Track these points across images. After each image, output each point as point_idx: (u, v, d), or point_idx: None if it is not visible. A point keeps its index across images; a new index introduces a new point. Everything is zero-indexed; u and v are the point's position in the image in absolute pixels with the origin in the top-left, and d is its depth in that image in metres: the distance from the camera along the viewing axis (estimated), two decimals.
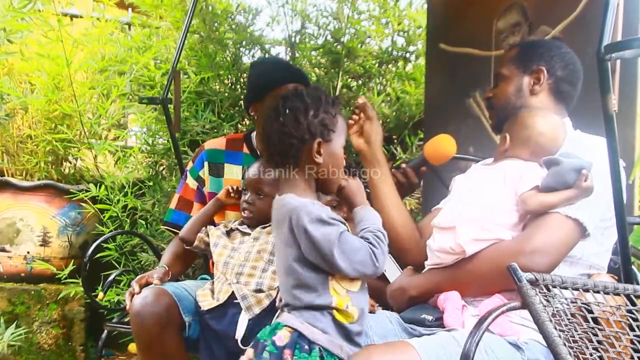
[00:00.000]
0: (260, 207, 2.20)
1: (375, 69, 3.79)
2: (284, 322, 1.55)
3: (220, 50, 3.72)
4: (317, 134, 1.61)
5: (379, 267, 1.55)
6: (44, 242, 3.50)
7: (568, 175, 1.68)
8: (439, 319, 1.72)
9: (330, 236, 1.52)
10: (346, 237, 1.54)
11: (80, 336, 3.53)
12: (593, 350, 1.30)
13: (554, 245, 1.69)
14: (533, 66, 1.96)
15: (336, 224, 1.55)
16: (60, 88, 3.54)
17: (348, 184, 1.69)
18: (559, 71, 1.95)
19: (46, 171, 3.63)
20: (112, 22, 3.96)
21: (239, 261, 2.14)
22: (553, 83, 1.95)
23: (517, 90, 1.97)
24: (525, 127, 1.84)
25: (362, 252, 1.53)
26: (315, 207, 1.57)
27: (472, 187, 1.86)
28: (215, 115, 3.57)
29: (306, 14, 3.82)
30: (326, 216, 1.55)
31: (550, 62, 1.95)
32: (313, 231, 1.52)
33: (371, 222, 1.62)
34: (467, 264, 1.75)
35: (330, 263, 1.52)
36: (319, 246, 1.52)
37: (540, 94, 1.95)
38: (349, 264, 1.52)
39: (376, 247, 1.55)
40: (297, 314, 1.55)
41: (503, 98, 2.00)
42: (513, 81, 1.98)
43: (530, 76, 1.96)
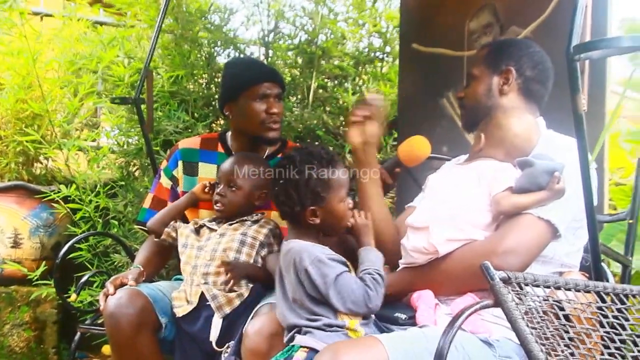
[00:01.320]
0: (232, 200, 2.20)
1: (351, 69, 3.80)
2: (300, 344, 1.65)
3: (194, 50, 3.69)
4: (307, 203, 1.76)
5: (371, 308, 1.68)
6: (15, 243, 3.45)
7: (541, 177, 1.70)
8: (412, 318, 1.73)
9: (327, 277, 1.66)
10: (343, 279, 1.67)
11: (52, 338, 3.49)
12: (564, 347, 1.31)
13: (526, 246, 1.71)
14: (502, 66, 1.97)
15: (335, 266, 1.69)
16: (30, 87, 3.49)
17: (356, 223, 1.83)
18: (527, 71, 1.96)
19: (17, 172, 3.58)
20: (83, 21, 3.92)
21: (205, 261, 2.14)
22: (522, 83, 1.97)
23: (487, 91, 1.98)
24: (499, 127, 1.85)
25: (357, 294, 1.66)
26: (316, 248, 1.72)
27: (446, 186, 1.87)
28: (189, 114, 3.55)
29: (281, 13, 3.82)
30: (326, 257, 1.69)
31: (519, 62, 1.97)
32: (312, 272, 1.67)
33: (372, 263, 1.75)
34: (441, 263, 1.77)
35: (327, 300, 1.66)
36: (317, 285, 1.66)
37: (510, 94, 1.97)
38: (343, 304, 1.66)
39: (371, 290, 1.67)
40: (312, 336, 1.65)
41: (473, 98, 2.02)
42: (483, 81, 2.00)
43: (499, 76, 1.97)
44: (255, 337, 1.81)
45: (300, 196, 1.76)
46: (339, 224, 1.82)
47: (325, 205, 1.78)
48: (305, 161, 1.79)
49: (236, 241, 2.15)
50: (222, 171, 2.26)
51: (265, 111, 2.33)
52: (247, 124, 2.37)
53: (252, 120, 2.34)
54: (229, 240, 2.16)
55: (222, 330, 2.05)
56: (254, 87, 2.34)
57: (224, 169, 2.25)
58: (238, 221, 2.21)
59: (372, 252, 1.80)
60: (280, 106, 2.37)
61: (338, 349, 1.49)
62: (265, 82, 2.35)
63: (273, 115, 2.34)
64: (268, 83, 2.36)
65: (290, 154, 1.85)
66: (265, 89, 2.34)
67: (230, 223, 2.21)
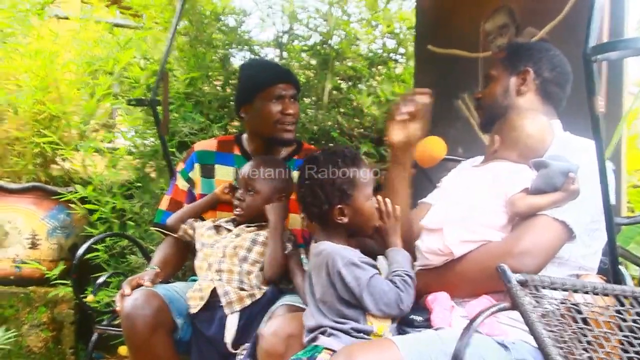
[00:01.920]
0: (250, 204, 2.21)
1: (365, 70, 3.80)
2: (324, 345, 1.65)
3: (209, 52, 3.71)
4: (335, 201, 1.77)
5: (403, 309, 1.70)
6: (33, 244, 3.48)
7: (556, 178, 1.69)
8: (428, 320, 1.73)
9: (361, 280, 1.67)
10: (376, 281, 1.69)
11: (69, 339, 3.51)
12: (582, 351, 1.30)
13: (541, 247, 1.70)
14: (520, 67, 1.97)
15: (367, 268, 1.70)
16: (47, 89, 3.52)
17: (384, 225, 1.84)
18: (546, 72, 1.96)
19: (34, 173, 3.61)
20: (100, 23, 3.95)
21: (217, 258, 2.15)
22: (540, 84, 1.97)
23: (504, 91, 1.98)
24: (514, 128, 1.85)
25: (389, 295, 1.68)
26: (348, 251, 1.73)
27: (461, 188, 1.87)
28: (204, 116, 3.57)
29: (295, 15, 3.82)
30: (358, 260, 1.71)
31: (538, 64, 1.97)
32: (346, 274, 1.68)
33: (401, 264, 1.77)
34: (456, 265, 1.77)
35: (360, 303, 1.67)
36: (351, 287, 1.67)
37: (527, 94, 1.97)
38: (375, 305, 1.67)
39: (402, 291, 1.70)
40: (337, 338, 1.65)
41: (491, 98, 2.02)
42: (501, 82, 2.00)
43: (517, 77, 1.98)
44: (271, 338, 1.81)
45: (327, 195, 1.77)
46: (366, 223, 1.83)
47: (352, 203, 1.79)
48: (329, 160, 1.80)
49: (248, 240, 2.16)
50: (241, 175, 2.26)
51: (280, 112, 2.34)
52: (262, 125, 2.38)
53: (268, 122, 2.35)
54: (242, 240, 2.17)
55: (237, 332, 2.06)
56: (269, 88, 2.35)
57: (243, 173, 2.26)
58: (257, 225, 2.22)
59: (400, 253, 1.81)
60: (295, 107, 2.38)
61: (352, 351, 1.49)
62: (280, 83, 2.36)
63: (288, 116, 2.34)
64: (283, 84, 2.36)
65: (314, 155, 1.86)
66: (280, 90, 2.35)
67: (248, 225, 2.22)
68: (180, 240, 2.35)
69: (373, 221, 1.84)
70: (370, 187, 1.82)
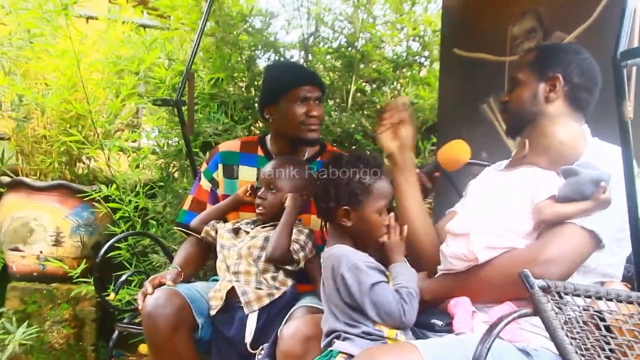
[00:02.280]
0: (272, 202, 2.22)
1: (390, 73, 3.79)
2: (339, 349, 1.64)
3: (235, 53, 3.73)
4: (342, 202, 1.77)
5: (405, 322, 1.67)
6: (57, 242, 3.52)
7: (586, 187, 1.66)
8: (449, 324, 1.72)
9: (363, 285, 1.66)
10: (380, 288, 1.67)
11: (91, 336, 3.55)
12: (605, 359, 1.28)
13: (568, 256, 1.67)
14: (549, 73, 1.92)
15: (371, 274, 1.68)
16: (74, 88, 3.56)
17: (389, 241, 1.82)
18: (575, 78, 1.91)
19: (60, 171, 3.65)
20: (127, 23, 3.99)
21: (234, 260, 2.16)
22: (569, 90, 1.92)
23: (533, 97, 1.94)
24: (545, 135, 1.81)
25: (392, 305, 1.66)
26: (355, 255, 1.72)
27: (487, 193, 1.85)
28: (228, 117, 3.58)
29: (321, 17, 3.83)
30: (364, 265, 1.69)
31: (567, 69, 1.92)
32: (349, 278, 1.67)
33: (406, 278, 1.74)
34: (480, 270, 1.74)
35: (361, 308, 1.66)
36: (352, 291, 1.66)
37: (556, 102, 1.92)
38: (377, 313, 1.66)
39: (407, 304, 1.68)
40: (351, 342, 1.64)
41: (518, 103, 1.97)
42: (529, 87, 1.95)
43: (545, 83, 1.92)
44: (290, 340, 1.81)
45: (337, 193, 1.78)
46: (371, 234, 1.82)
47: (360, 209, 1.79)
48: (351, 162, 1.82)
49: (260, 239, 2.17)
50: (262, 174, 2.28)
51: (305, 114, 2.34)
52: (287, 126, 2.38)
53: (292, 123, 2.35)
54: (256, 240, 2.18)
55: (256, 332, 2.06)
56: (294, 90, 2.35)
57: (265, 172, 2.27)
58: (272, 225, 2.22)
59: (405, 267, 1.80)
60: (320, 109, 2.38)
61: (373, 354, 1.48)
62: (306, 85, 2.36)
63: (313, 118, 2.35)
64: (308, 86, 2.37)
65: (340, 154, 1.88)
66: (305, 92, 2.35)
67: (264, 226, 2.22)
68: (201, 240, 2.36)
69: (378, 235, 1.82)
70: (384, 201, 1.82)
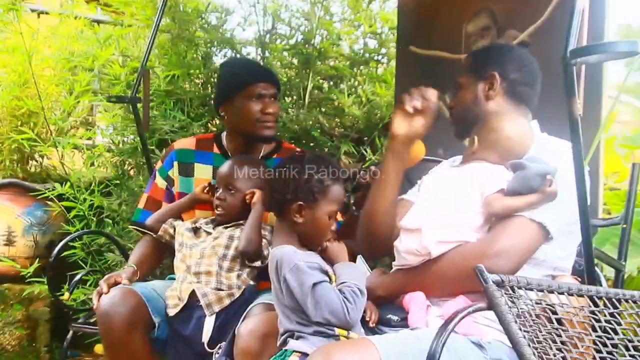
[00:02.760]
0: (232, 203, 2.21)
1: (347, 70, 3.80)
2: (293, 348, 1.63)
3: (190, 50, 3.69)
4: (299, 197, 1.76)
5: (349, 320, 1.64)
6: (9, 241, 3.44)
7: (533, 180, 1.70)
8: (404, 319, 1.74)
9: (304, 285, 1.65)
10: (322, 288, 1.65)
11: (45, 337, 3.48)
12: (557, 351, 1.31)
13: (517, 248, 1.71)
14: (486, 73, 1.97)
15: (313, 274, 1.66)
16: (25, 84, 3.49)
17: (331, 246, 1.82)
18: (512, 74, 1.96)
19: (11, 169, 3.57)
20: (80, 19, 3.92)
21: (196, 259, 2.14)
22: (508, 86, 1.96)
23: (474, 98, 1.98)
24: (493, 130, 1.86)
25: (334, 305, 1.63)
26: (295, 255, 1.70)
27: (440, 188, 1.87)
28: (185, 114, 3.55)
29: (278, 14, 3.81)
30: (305, 265, 1.67)
31: (503, 66, 1.96)
32: (290, 280, 1.66)
33: (350, 277, 1.72)
34: (433, 265, 1.77)
35: (304, 309, 1.64)
36: (295, 293, 1.66)
37: (497, 98, 1.96)
38: (319, 313, 1.63)
39: (350, 302, 1.65)
40: (305, 340, 1.63)
41: (461, 106, 2.02)
42: (469, 89, 1.99)
43: (484, 82, 1.97)
44: (248, 337, 1.80)
45: (295, 188, 1.78)
46: (318, 236, 1.81)
47: (314, 208, 1.79)
48: (313, 161, 1.82)
49: (224, 238, 2.16)
50: (219, 175, 2.26)
51: (260, 111, 2.33)
52: (242, 123, 2.37)
53: (248, 120, 2.34)
54: (220, 239, 2.17)
55: (214, 331, 2.05)
56: (249, 87, 2.34)
57: (222, 172, 2.25)
58: (234, 224, 2.21)
59: (351, 266, 1.79)
60: (275, 106, 2.37)
61: (330, 351, 1.49)
62: (261, 83, 2.35)
63: (268, 115, 2.34)
64: (264, 83, 2.36)
65: (302, 152, 1.90)
66: (260, 89, 2.34)
67: (226, 226, 2.21)
68: (157, 239, 2.34)
69: (324, 237, 1.82)
70: (336, 207, 1.82)
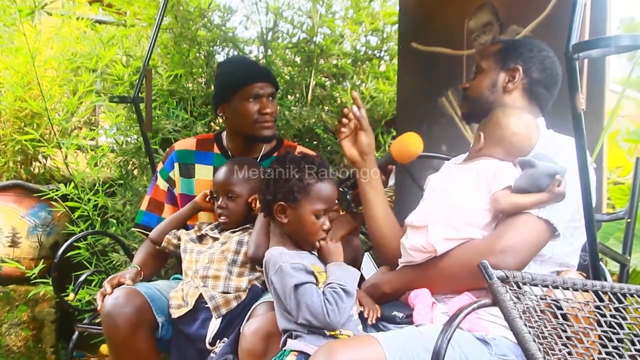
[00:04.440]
0: (234, 209, 2.20)
1: (349, 67, 3.79)
2: (291, 348, 1.64)
3: (193, 49, 3.69)
4: (279, 198, 1.79)
5: (329, 322, 1.63)
6: (13, 242, 3.44)
7: (541, 179, 1.69)
8: (409, 316, 1.74)
9: (287, 287, 1.66)
10: (304, 289, 1.65)
11: (50, 338, 3.49)
12: (562, 346, 1.31)
13: (524, 245, 1.70)
14: (510, 64, 1.96)
15: (295, 275, 1.67)
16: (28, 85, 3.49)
17: (326, 245, 1.81)
18: (535, 73, 1.95)
19: (15, 171, 3.57)
20: (82, 20, 3.92)
21: (204, 264, 2.13)
22: (528, 84, 1.95)
23: (492, 85, 1.97)
24: (499, 126, 1.85)
25: (315, 306, 1.63)
26: (282, 256, 1.72)
27: (446, 186, 1.87)
28: (188, 113, 3.55)
29: (280, 12, 3.81)
30: (289, 266, 1.68)
31: (528, 63, 1.95)
32: (275, 281, 1.69)
33: (337, 278, 1.70)
34: (438, 262, 1.77)
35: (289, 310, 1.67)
36: (279, 294, 1.68)
37: (514, 93, 1.95)
38: (300, 314, 1.64)
39: (330, 304, 1.64)
40: (302, 339, 1.64)
41: (477, 90, 2.00)
42: (489, 75, 1.98)
43: (506, 73, 1.96)
44: (251, 337, 1.80)
45: (276, 188, 1.79)
46: (306, 236, 1.80)
47: (296, 208, 1.78)
48: (294, 161, 1.82)
49: (233, 243, 2.15)
50: (217, 183, 2.24)
51: (258, 111, 2.33)
52: (241, 124, 2.37)
53: (246, 120, 2.34)
54: (228, 244, 2.16)
55: (218, 332, 2.05)
56: (246, 87, 2.33)
57: (219, 180, 2.24)
58: (241, 229, 2.20)
59: (341, 267, 1.76)
60: (273, 105, 2.37)
61: (333, 348, 1.48)
62: (258, 82, 2.34)
63: (266, 115, 2.33)
64: (260, 83, 2.35)
65: (284, 153, 1.87)
66: (257, 89, 2.34)
67: (233, 231, 2.21)
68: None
69: (313, 237, 1.81)
70: (322, 205, 1.80)
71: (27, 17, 3.43)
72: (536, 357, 1.22)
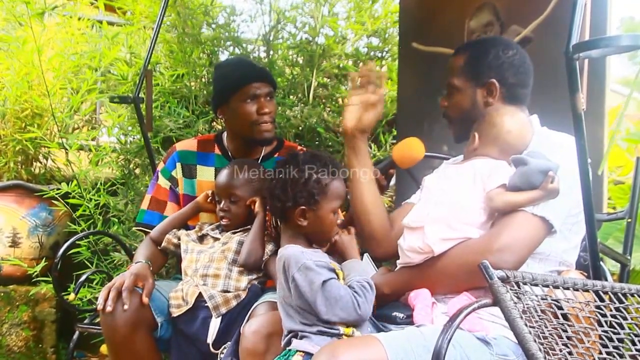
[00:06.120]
0: (236, 212, 2.21)
1: (351, 68, 3.79)
2: (297, 348, 1.63)
3: (196, 48, 3.69)
4: (300, 202, 1.76)
5: (361, 314, 1.64)
6: (14, 243, 3.44)
7: (534, 177, 1.69)
8: (410, 317, 1.74)
9: (314, 284, 1.63)
10: (331, 285, 1.64)
11: (51, 338, 3.48)
12: (563, 346, 1.31)
13: (521, 242, 1.70)
14: (484, 79, 1.94)
15: (322, 272, 1.65)
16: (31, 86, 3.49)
17: (340, 239, 1.82)
18: (510, 78, 1.93)
19: (16, 171, 3.57)
20: (84, 20, 3.92)
21: (204, 263, 2.13)
22: (506, 91, 1.94)
23: (472, 104, 1.96)
24: (493, 125, 1.85)
25: (345, 300, 1.63)
26: (304, 255, 1.69)
27: (442, 186, 1.87)
28: (189, 111, 3.55)
29: (282, 12, 3.81)
30: (313, 264, 1.66)
31: (501, 72, 1.93)
32: (299, 279, 1.65)
33: (359, 272, 1.72)
34: (436, 262, 1.77)
35: (314, 308, 1.63)
36: (304, 292, 1.64)
37: (495, 103, 1.94)
38: (330, 310, 1.62)
39: (360, 296, 1.65)
40: (308, 340, 1.63)
41: (458, 110, 1.99)
42: (466, 94, 1.97)
43: (482, 89, 1.95)
44: (252, 337, 1.80)
45: (295, 193, 1.77)
46: (325, 234, 1.82)
47: (316, 209, 1.78)
48: (308, 161, 1.81)
49: (234, 243, 2.15)
50: (219, 186, 2.25)
51: (256, 111, 2.32)
52: (240, 126, 2.37)
53: (245, 122, 2.34)
54: (229, 244, 2.16)
55: (219, 332, 2.05)
56: (243, 88, 2.33)
57: (221, 183, 2.24)
58: (242, 229, 2.21)
59: (359, 263, 1.79)
60: (271, 105, 2.36)
61: (335, 348, 1.48)
62: (255, 82, 2.34)
63: (265, 115, 2.33)
64: (257, 83, 2.34)
65: (295, 153, 1.86)
66: (254, 89, 2.33)
67: (234, 231, 2.21)
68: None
69: (331, 234, 1.83)
70: (339, 201, 1.82)
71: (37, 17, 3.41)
72: (537, 357, 1.22)
